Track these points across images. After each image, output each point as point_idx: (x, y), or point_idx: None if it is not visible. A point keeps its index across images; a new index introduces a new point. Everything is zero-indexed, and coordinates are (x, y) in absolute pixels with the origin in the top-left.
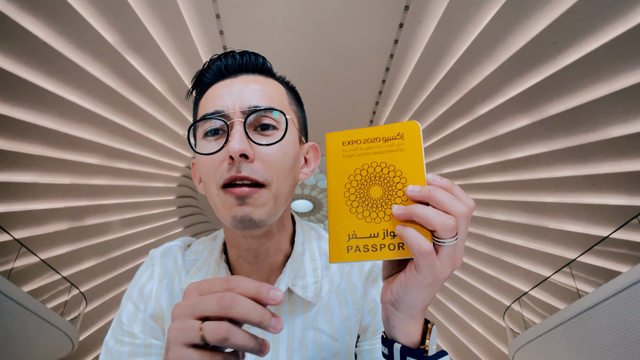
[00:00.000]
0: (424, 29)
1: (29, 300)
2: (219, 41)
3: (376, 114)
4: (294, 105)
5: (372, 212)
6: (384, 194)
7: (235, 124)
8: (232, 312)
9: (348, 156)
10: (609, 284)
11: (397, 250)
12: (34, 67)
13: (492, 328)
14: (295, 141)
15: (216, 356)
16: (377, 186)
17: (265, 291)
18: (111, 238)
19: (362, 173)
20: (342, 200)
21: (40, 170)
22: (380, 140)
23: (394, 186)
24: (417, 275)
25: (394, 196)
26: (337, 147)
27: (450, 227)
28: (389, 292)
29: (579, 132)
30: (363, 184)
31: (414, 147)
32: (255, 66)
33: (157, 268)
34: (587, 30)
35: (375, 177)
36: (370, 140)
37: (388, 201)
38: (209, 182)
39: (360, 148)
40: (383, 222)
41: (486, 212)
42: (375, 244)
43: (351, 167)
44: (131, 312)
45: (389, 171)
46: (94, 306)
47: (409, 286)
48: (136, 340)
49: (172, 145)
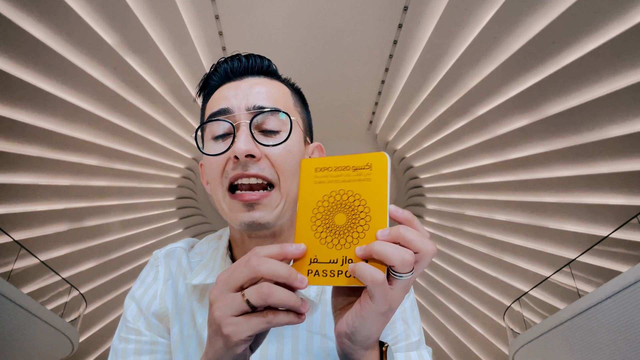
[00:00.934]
0: (423, 30)
1: (29, 302)
2: (218, 42)
3: (375, 115)
4: (299, 107)
5: (334, 239)
6: (347, 221)
7: (241, 126)
8: (262, 270)
9: (319, 182)
10: (609, 284)
11: (352, 278)
12: (33, 68)
13: (492, 328)
14: (300, 141)
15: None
16: (342, 213)
17: (286, 247)
18: (111, 239)
19: (329, 200)
20: (309, 224)
21: (40, 171)
22: (349, 169)
23: (358, 215)
24: (372, 304)
25: (357, 224)
26: (310, 172)
27: (408, 262)
28: (344, 325)
29: (578, 132)
30: (329, 210)
31: (380, 178)
32: (260, 68)
33: (162, 269)
34: (586, 30)
35: (341, 205)
36: (341, 169)
37: (350, 229)
38: (215, 183)
39: (331, 175)
40: (343, 249)
41: (486, 212)
42: (334, 269)
43: (320, 193)
44: (135, 311)
45: (354, 200)
46: (94, 307)
47: (364, 316)
48: (142, 337)
49: (171, 147)
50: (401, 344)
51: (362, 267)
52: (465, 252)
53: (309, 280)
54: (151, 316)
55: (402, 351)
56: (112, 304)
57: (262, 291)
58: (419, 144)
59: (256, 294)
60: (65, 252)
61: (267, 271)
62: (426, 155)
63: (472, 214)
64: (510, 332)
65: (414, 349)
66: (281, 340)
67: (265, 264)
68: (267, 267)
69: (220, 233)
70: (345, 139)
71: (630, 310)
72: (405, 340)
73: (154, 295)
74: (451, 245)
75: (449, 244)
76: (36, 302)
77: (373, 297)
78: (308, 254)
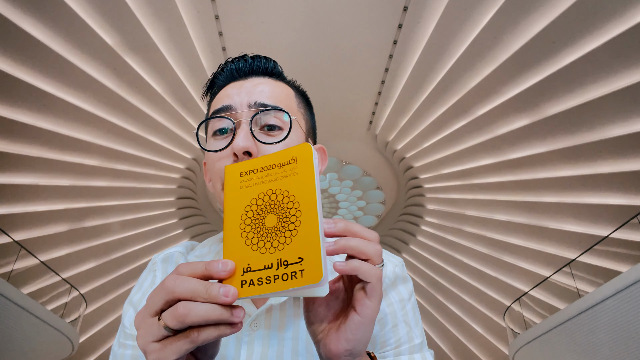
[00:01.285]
0: (423, 30)
1: (29, 302)
2: (218, 42)
3: (375, 115)
4: (303, 108)
5: (266, 242)
6: (278, 222)
7: (242, 123)
8: (178, 292)
9: (245, 187)
10: (609, 284)
11: (290, 279)
12: (33, 69)
13: (493, 328)
14: (300, 142)
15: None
16: (272, 214)
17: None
18: (111, 240)
19: (258, 202)
20: (238, 232)
21: (40, 172)
22: (276, 167)
23: (288, 212)
24: (371, 303)
25: (288, 223)
26: (234, 179)
27: (379, 252)
28: (343, 343)
29: (578, 131)
30: (259, 213)
31: (306, 170)
32: (265, 69)
33: (159, 273)
34: (586, 30)
35: (270, 206)
36: (267, 168)
37: (282, 229)
38: (215, 178)
39: (257, 177)
40: (277, 251)
41: (486, 213)
42: (269, 275)
43: (248, 198)
44: (133, 316)
45: (283, 197)
46: (94, 308)
47: (365, 322)
48: None
49: (171, 147)
50: (404, 347)
51: (361, 264)
52: (465, 252)
53: (241, 292)
54: None
55: (406, 354)
56: (112, 305)
57: (177, 313)
58: (419, 144)
59: (172, 317)
60: (65, 253)
61: (183, 292)
62: (426, 156)
63: (472, 214)
64: (510, 332)
65: (417, 351)
66: (282, 343)
67: (182, 284)
68: (183, 287)
69: (222, 236)
70: (345, 139)
71: (630, 310)
72: (408, 342)
73: None
74: (451, 246)
75: (449, 244)
76: (36, 302)
77: (373, 293)
78: (240, 264)
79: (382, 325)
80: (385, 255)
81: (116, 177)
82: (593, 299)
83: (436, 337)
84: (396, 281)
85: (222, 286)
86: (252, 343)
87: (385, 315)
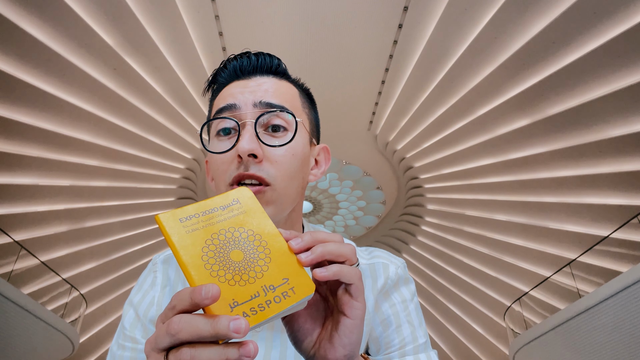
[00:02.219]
0: (423, 30)
1: (29, 302)
2: (218, 42)
3: (375, 115)
4: (307, 108)
5: (242, 275)
6: (245, 255)
7: (247, 124)
8: (183, 337)
9: (192, 231)
10: (609, 284)
11: (284, 299)
12: (33, 69)
13: (493, 328)
14: (305, 143)
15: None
16: (236, 250)
17: (197, 293)
18: (111, 240)
19: (214, 242)
20: (206, 273)
21: (40, 172)
22: (218, 209)
23: (252, 244)
24: (358, 304)
25: (257, 253)
26: (175, 225)
27: (354, 251)
28: (340, 349)
29: (578, 131)
30: (220, 252)
31: (254, 207)
32: (270, 67)
33: (160, 275)
34: (586, 30)
35: (230, 243)
36: (208, 212)
37: (253, 260)
38: (219, 180)
39: (200, 221)
40: (258, 280)
41: (486, 213)
42: (261, 302)
43: (201, 240)
44: (132, 318)
45: (240, 233)
46: (94, 308)
47: (356, 324)
48: (138, 345)
49: (171, 147)
50: (409, 347)
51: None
52: (466, 252)
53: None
54: (148, 322)
55: (411, 354)
56: (112, 305)
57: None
58: (419, 144)
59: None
60: (65, 253)
61: (188, 337)
62: (426, 156)
63: (472, 214)
64: (510, 332)
65: (422, 351)
66: (284, 344)
67: (186, 328)
68: (187, 332)
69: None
70: (345, 139)
71: (630, 310)
72: (413, 342)
73: (151, 302)
74: (451, 246)
75: (449, 244)
76: (36, 302)
77: (357, 293)
78: (224, 302)
79: (385, 326)
80: (387, 256)
81: (116, 177)
82: (593, 299)
83: (436, 337)
84: (398, 282)
85: (232, 319)
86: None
87: (389, 316)
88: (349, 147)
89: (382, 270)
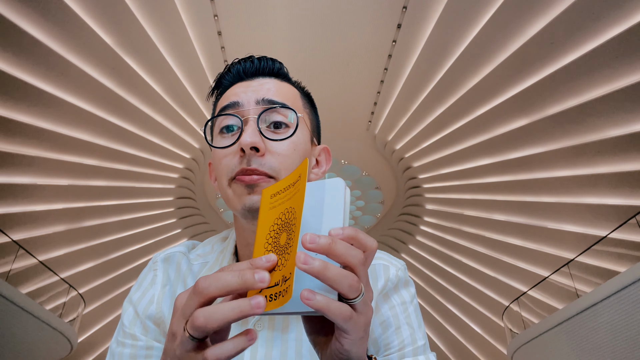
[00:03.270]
0: (422, 30)
1: (27, 301)
2: (217, 42)
3: (374, 115)
4: (308, 109)
5: (279, 259)
6: (287, 239)
7: (249, 120)
8: (212, 292)
9: (272, 208)
10: (608, 284)
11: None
12: (32, 68)
13: (491, 328)
14: (306, 140)
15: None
16: (284, 232)
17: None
18: (109, 239)
19: (277, 222)
20: (263, 252)
21: (39, 171)
22: (290, 187)
23: (292, 229)
24: (349, 336)
25: (290, 240)
26: (266, 201)
27: (355, 287)
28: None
29: (577, 131)
30: (277, 232)
31: (302, 186)
32: (272, 70)
33: (160, 273)
34: (584, 30)
35: (284, 225)
36: (287, 188)
37: (287, 246)
38: (221, 175)
39: (281, 198)
40: (282, 268)
41: (485, 213)
42: (276, 292)
43: (272, 218)
44: (132, 315)
45: (290, 215)
46: (93, 307)
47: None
48: (138, 342)
49: (170, 146)
50: (408, 349)
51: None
52: (464, 252)
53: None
54: (147, 320)
55: (410, 356)
56: (110, 304)
57: (196, 321)
58: (418, 144)
59: (192, 326)
60: (64, 252)
61: (216, 291)
62: (425, 155)
63: (471, 214)
64: (509, 332)
65: (421, 353)
66: (285, 344)
67: (214, 283)
68: (215, 286)
69: (225, 235)
70: (344, 139)
71: (629, 310)
72: (412, 344)
73: (150, 300)
74: (450, 246)
75: (447, 244)
76: (35, 302)
77: (347, 331)
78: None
79: (384, 328)
80: (388, 258)
81: (115, 177)
82: (591, 299)
83: (435, 337)
84: (398, 284)
85: (257, 272)
86: (255, 344)
87: (388, 318)
88: (348, 147)
89: (382, 272)
